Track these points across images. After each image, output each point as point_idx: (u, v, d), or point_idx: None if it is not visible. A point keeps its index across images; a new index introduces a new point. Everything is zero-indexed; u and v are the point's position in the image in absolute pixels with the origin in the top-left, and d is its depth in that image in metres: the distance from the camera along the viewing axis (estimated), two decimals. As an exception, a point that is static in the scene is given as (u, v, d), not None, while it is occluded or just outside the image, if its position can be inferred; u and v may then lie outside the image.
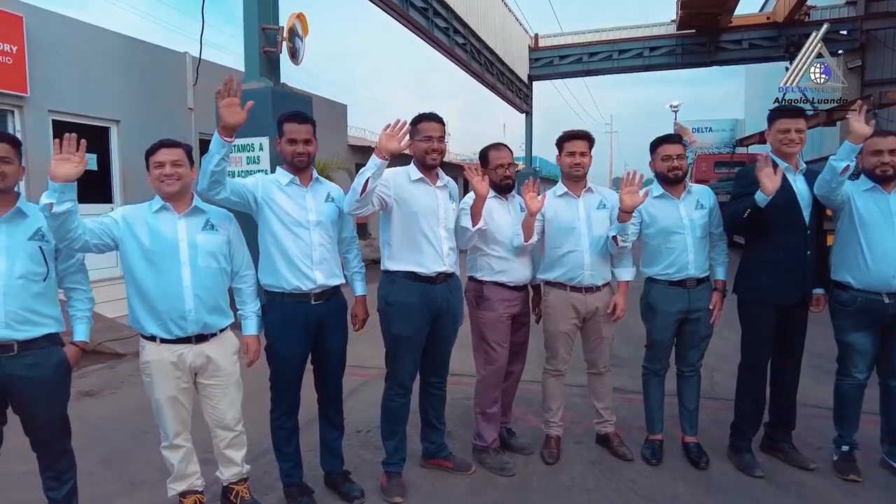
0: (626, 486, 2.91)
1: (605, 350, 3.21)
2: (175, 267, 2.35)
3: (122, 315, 6.97)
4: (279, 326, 2.58)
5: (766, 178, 2.66)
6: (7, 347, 2.13)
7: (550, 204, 3.06)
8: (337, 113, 13.72)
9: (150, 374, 2.41)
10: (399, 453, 2.89)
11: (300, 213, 2.58)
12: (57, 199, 2.04)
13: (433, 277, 2.74)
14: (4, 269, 2.12)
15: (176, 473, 2.55)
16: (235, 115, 2.23)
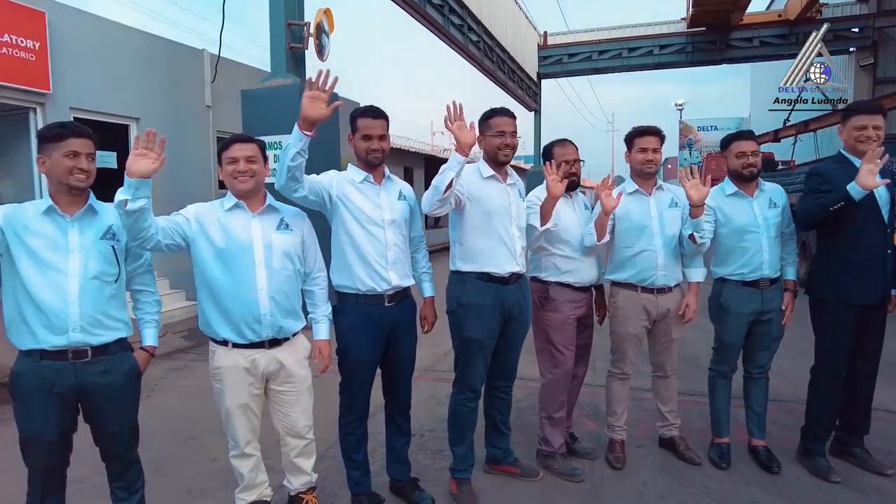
0: (700, 492, 2.83)
1: (673, 352, 3.12)
2: (249, 268, 2.26)
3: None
4: (353, 329, 2.49)
5: (870, 173, 2.57)
6: (82, 353, 2.03)
7: (621, 202, 2.97)
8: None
9: (220, 380, 2.31)
10: (468, 459, 2.81)
11: (375, 212, 2.49)
12: (132, 196, 1.95)
13: (506, 278, 2.65)
14: (79, 270, 2.03)
15: (246, 483, 2.45)
16: (318, 109, 2.14)
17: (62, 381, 2.01)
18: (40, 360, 2.00)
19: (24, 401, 2.04)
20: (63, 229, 2.04)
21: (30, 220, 2.02)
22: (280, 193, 2.33)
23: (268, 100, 6.30)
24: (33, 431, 2.05)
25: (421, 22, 10.76)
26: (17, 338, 2.04)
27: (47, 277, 1.98)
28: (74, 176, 2.02)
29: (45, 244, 2.00)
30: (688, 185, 2.75)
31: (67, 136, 2.04)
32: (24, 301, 1.98)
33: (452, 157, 2.36)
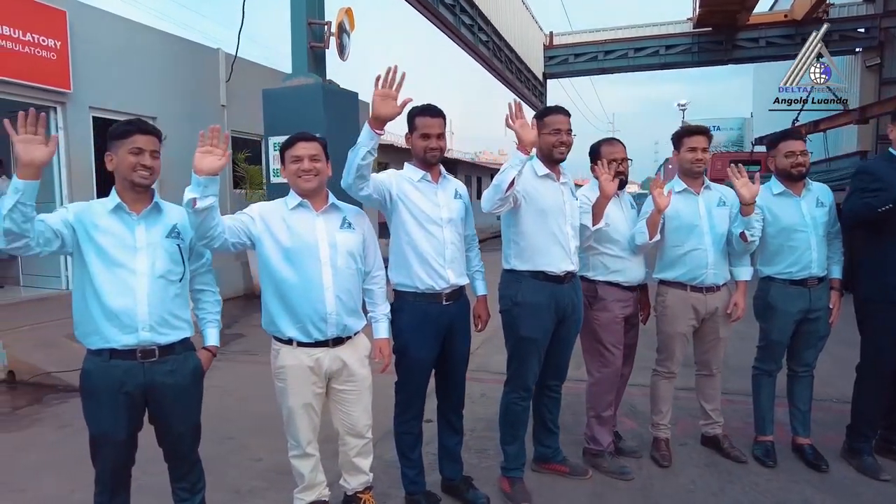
0: (751, 489, 2.84)
1: (720, 351, 3.13)
2: (315, 267, 2.26)
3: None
4: (412, 328, 2.49)
5: None
6: (150, 352, 2.02)
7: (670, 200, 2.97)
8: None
9: (284, 379, 2.31)
10: (521, 458, 2.81)
11: (433, 210, 2.49)
12: (200, 194, 1.95)
13: (561, 277, 2.65)
14: (147, 268, 2.02)
15: (306, 483, 2.44)
16: (389, 106, 2.12)
17: (131, 381, 2.00)
18: (109, 360, 1.99)
19: (93, 400, 2.03)
20: (130, 227, 2.03)
21: (98, 217, 2.02)
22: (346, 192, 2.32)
23: (289, 99, 6.30)
24: (103, 430, 2.04)
25: (433, 21, 10.78)
26: (85, 337, 2.03)
27: (116, 276, 1.98)
28: (138, 173, 2.01)
29: (113, 242, 2.00)
30: (738, 184, 2.76)
31: (133, 132, 2.03)
32: (94, 299, 1.98)
33: (514, 155, 2.36)
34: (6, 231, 1.79)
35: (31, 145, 1.78)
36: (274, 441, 3.55)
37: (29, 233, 1.82)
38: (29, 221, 1.80)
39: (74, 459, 3.33)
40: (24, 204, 1.76)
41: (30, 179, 1.76)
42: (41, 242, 1.89)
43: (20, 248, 1.85)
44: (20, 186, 1.75)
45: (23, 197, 1.75)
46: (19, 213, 1.76)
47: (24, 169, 1.76)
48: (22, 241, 1.82)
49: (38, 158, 1.77)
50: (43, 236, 1.89)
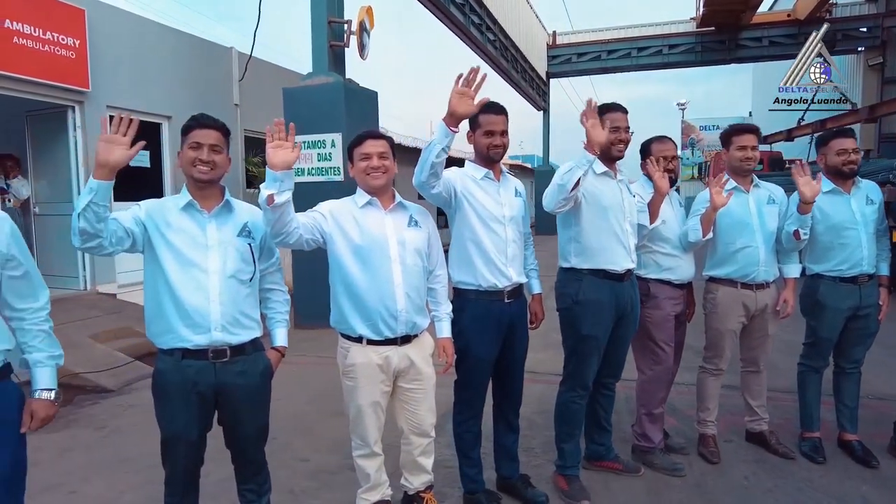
0: (805, 486, 2.85)
1: (768, 348, 3.15)
2: (386, 265, 2.25)
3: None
4: (475, 327, 2.48)
5: None
6: (221, 353, 2.00)
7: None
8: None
9: (354, 377, 2.30)
10: (577, 455, 2.82)
11: (496, 208, 2.48)
12: (278, 189, 1.94)
13: (622, 275, 2.66)
14: (219, 268, 2.00)
15: (372, 483, 2.43)
16: (466, 105, 2.11)
17: (203, 381, 1.98)
18: (182, 360, 1.97)
19: (166, 400, 2.02)
20: (202, 225, 2.02)
21: (170, 215, 2.00)
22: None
23: (310, 98, 6.27)
24: (176, 431, 2.03)
25: (443, 21, 10.77)
26: (158, 336, 2.01)
27: (189, 274, 1.96)
28: (197, 168, 1.98)
29: (185, 240, 1.98)
30: (801, 182, 2.77)
31: (193, 126, 2.02)
32: (166, 298, 1.96)
33: (581, 155, 2.36)
34: (80, 230, 1.79)
35: (113, 146, 1.77)
36: (316, 441, 3.56)
37: (102, 232, 1.81)
38: (102, 221, 1.79)
39: (117, 461, 3.33)
40: (96, 204, 1.75)
41: (104, 180, 1.75)
42: (113, 242, 1.88)
43: (94, 248, 1.84)
44: (94, 186, 1.74)
45: (96, 197, 1.74)
46: (92, 213, 1.76)
47: (99, 169, 1.76)
48: (95, 241, 1.82)
49: (114, 159, 1.76)
50: (115, 235, 1.88)
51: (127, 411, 4.21)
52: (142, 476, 3.10)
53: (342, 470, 3.14)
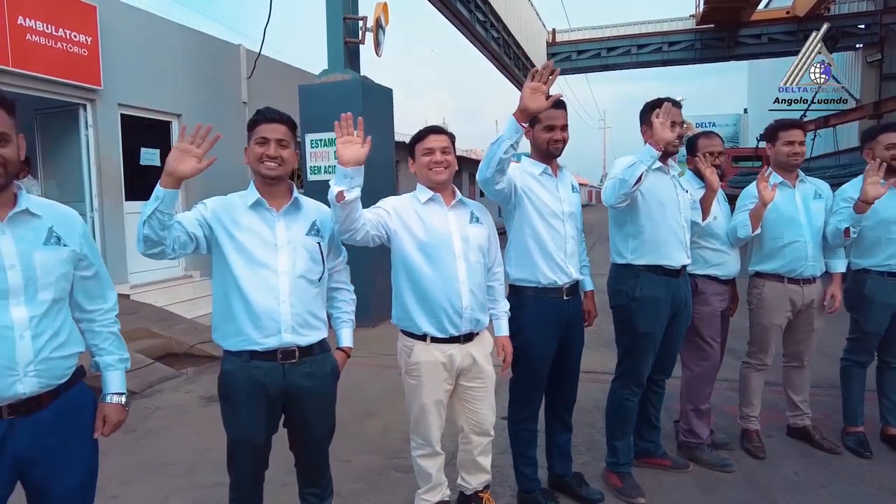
0: (857, 480, 2.86)
1: (812, 343, 3.15)
2: (451, 261, 2.21)
3: (200, 315, 6.77)
4: (535, 324, 2.46)
5: None
6: (290, 354, 1.94)
7: None
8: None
9: (418, 375, 2.26)
10: (630, 453, 2.80)
11: (555, 204, 2.46)
12: (348, 185, 1.89)
13: (678, 270, 2.64)
14: (288, 268, 1.94)
15: (433, 483, 2.40)
16: (538, 101, 2.07)
17: (272, 383, 1.93)
18: (250, 361, 1.92)
19: (234, 403, 1.96)
20: (270, 224, 1.96)
21: (238, 213, 1.95)
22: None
23: (326, 95, 6.22)
24: (245, 434, 1.98)
25: (449, 18, 10.72)
26: (225, 338, 1.96)
27: (259, 275, 1.91)
28: (264, 164, 1.93)
29: (254, 240, 1.93)
30: (869, 180, 2.74)
31: (259, 121, 1.97)
32: (238, 300, 1.91)
33: (645, 151, 2.34)
34: (145, 237, 1.75)
35: (185, 155, 1.73)
36: (353, 441, 3.52)
37: (165, 240, 1.77)
38: (166, 228, 1.75)
39: (156, 464, 3.28)
40: (161, 212, 1.71)
41: (170, 188, 1.71)
42: (176, 248, 1.84)
43: (157, 255, 1.81)
44: (160, 194, 1.70)
45: (161, 205, 1.70)
46: (157, 221, 1.72)
47: (166, 177, 1.71)
48: (159, 248, 1.79)
49: (182, 170, 1.72)
50: (178, 241, 1.83)
51: (154, 414, 4.15)
52: (183, 480, 3.06)
53: (387, 471, 3.11)
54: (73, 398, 1.64)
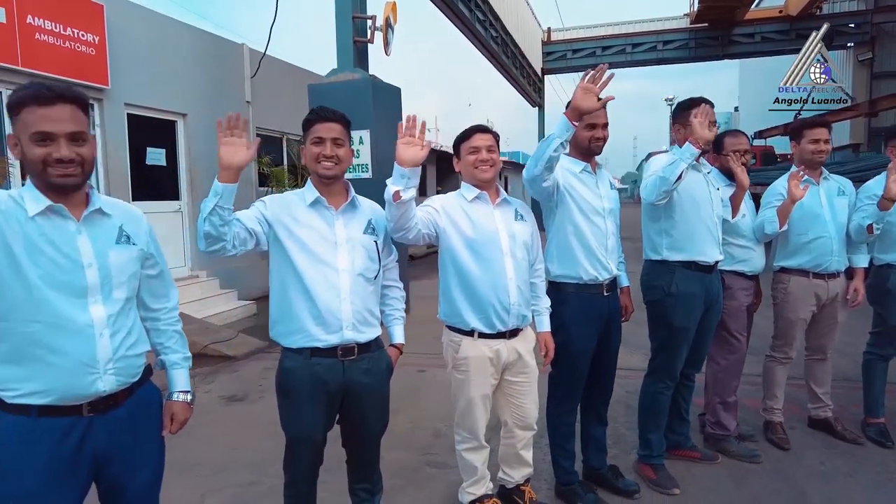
0: (882, 469, 2.93)
1: (835, 336, 3.22)
2: (499, 258, 2.25)
3: (209, 315, 6.75)
4: (577, 320, 2.50)
5: None
6: (349, 350, 1.96)
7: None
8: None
9: (466, 370, 2.30)
10: (662, 445, 2.86)
11: (597, 201, 2.50)
12: (405, 185, 1.92)
13: (711, 266, 2.70)
14: (348, 265, 1.96)
15: (478, 476, 2.44)
16: (590, 101, 2.10)
17: (332, 380, 1.95)
18: (311, 358, 1.94)
19: (295, 400, 1.98)
20: (330, 222, 1.98)
21: (297, 211, 1.97)
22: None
23: (336, 94, 6.21)
24: (305, 431, 2.00)
25: (449, 17, 10.75)
26: (286, 336, 1.98)
27: (321, 273, 1.93)
28: (321, 164, 1.95)
29: (315, 237, 1.95)
30: (892, 178, 2.81)
31: (313, 121, 1.99)
32: (300, 297, 1.93)
33: (686, 148, 2.39)
34: (206, 234, 1.77)
35: (234, 147, 1.74)
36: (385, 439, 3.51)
37: (226, 236, 1.79)
38: (226, 224, 1.77)
39: (189, 463, 3.28)
40: (222, 208, 1.73)
41: (229, 183, 1.73)
42: (236, 244, 1.85)
43: (218, 251, 1.82)
44: (219, 189, 1.72)
45: (221, 200, 1.72)
46: (217, 217, 1.74)
47: (224, 172, 1.73)
48: (219, 245, 1.80)
49: (237, 161, 1.73)
50: (238, 238, 1.85)
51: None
52: (216, 479, 3.07)
53: (420, 467, 3.14)
54: (143, 396, 1.66)
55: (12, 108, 1.45)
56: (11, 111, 1.46)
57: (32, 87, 1.45)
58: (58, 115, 1.44)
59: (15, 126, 1.46)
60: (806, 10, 15.48)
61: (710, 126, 2.60)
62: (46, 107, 1.43)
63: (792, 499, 2.69)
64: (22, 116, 1.44)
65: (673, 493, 2.70)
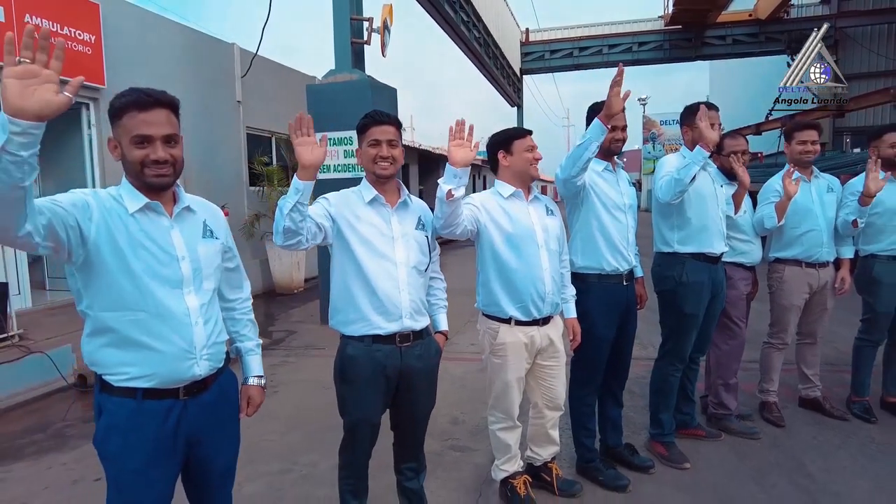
0: (868, 441, 3.22)
1: (825, 321, 3.50)
2: (535, 251, 2.43)
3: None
4: (600, 308, 2.70)
5: None
6: (406, 337, 2.12)
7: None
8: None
9: (503, 355, 2.47)
10: (672, 424, 3.09)
11: (618, 197, 2.70)
12: (456, 185, 2.07)
13: (717, 257, 2.93)
14: (404, 258, 2.11)
15: (511, 454, 2.62)
16: (619, 102, 2.29)
17: (391, 364, 2.09)
18: (372, 345, 2.08)
19: (357, 384, 2.11)
20: (386, 219, 2.13)
21: (358, 208, 2.11)
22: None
23: (335, 95, 6.31)
24: (365, 414, 2.13)
25: (436, 18, 10.89)
26: (348, 324, 2.11)
27: (381, 266, 2.07)
28: (378, 164, 2.09)
29: (374, 233, 2.09)
30: (871, 176, 3.09)
31: (369, 125, 2.12)
32: (362, 288, 2.07)
33: (697, 151, 2.60)
34: (286, 229, 1.89)
35: (308, 147, 1.86)
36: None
37: (302, 230, 1.91)
38: (305, 220, 1.90)
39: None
40: (302, 204, 1.86)
41: (308, 180, 1.85)
42: (309, 238, 1.98)
43: (293, 244, 1.94)
44: (300, 187, 1.84)
45: (302, 197, 1.85)
46: (298, 213, 1.86)
47: (304, 171, 1.84)
48: (296, 238, 1.92)
49: (315, 159, 1.85)
50: (310, 231, 1.97)
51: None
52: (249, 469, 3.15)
53: (445, 451, 3.30)
54: (224, 381, 1.78)
55: (114, 113, 1.55)
56: (113, 117, 1.56)
57: (133, 94, 1.54)
58: (155, 119, 1.53)
59: (116, 130, 1.56)
60: (774, 13, 16.10)
61: (717, 128, 2.84)
62: (145, 112, 1.53)
63: (791, 469, 2.95)
64: (123, 121, 1.53)
65: (684, 468, 2.92)
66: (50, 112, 1.17)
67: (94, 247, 1.50)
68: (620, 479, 2.78)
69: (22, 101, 1.15)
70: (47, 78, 1.17)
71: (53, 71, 1.19)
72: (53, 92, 1.18)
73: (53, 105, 1.18)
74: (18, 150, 1.15)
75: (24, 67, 1.15)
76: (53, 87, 1.18)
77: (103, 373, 1.56)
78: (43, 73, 1.17)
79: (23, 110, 1.14)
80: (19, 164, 1.16)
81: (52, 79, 1.18)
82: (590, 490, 2.78)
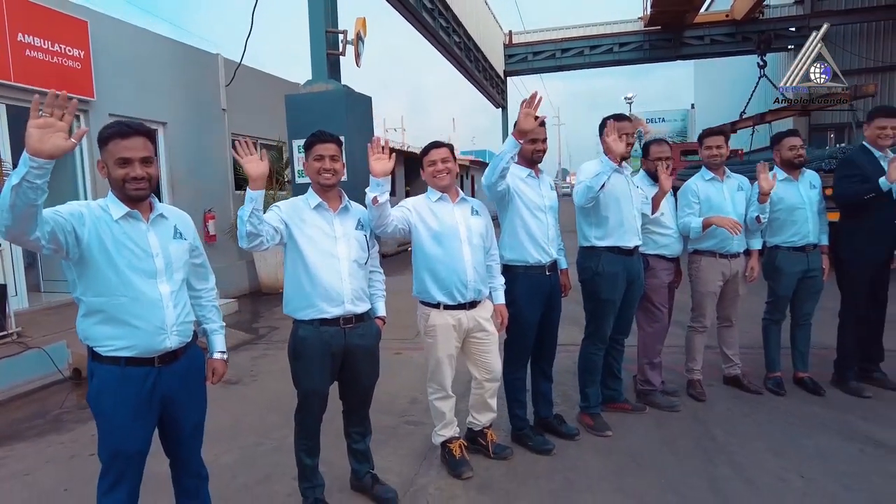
0: (773, 411, 3.64)
1: (738, 306, 3.93)
2: (458, 245, 2.84)
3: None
4: (524, 295, 3.11)
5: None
6: (349, 320, 2.53)
7: (701, 187, 3.73)
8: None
9: (434, 335, 2.88)
10: (598, 397, 3.50)
11: (539, 200, 3.12)
12: (380, 192, 2.49)
13: (631, 250, 3.35)
14: (346, 254, 2.53)
15: (446, 420, 3.03)
16: (530, 122, 2.71)
17: (336, 343, 2.51)
18: (320, 327, 2.50)
19: (306, 361, 2.52)
20: (329, 221, 2.55)
21: (305, 214, 2.53)
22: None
23: (312, 104, 6.72)
24: (313, 386, 2.55)
25: (414, 25, 11.28)
26: (298, 310, 2.52)
27: (326, 261, 2.49)
28: (321, 176, 2.51)
29: (319, 234, 2.51)
30: (762, 178, 3.52)
31: (314, 143, 2.54)
32: (308, 280, 2.48)
33: (605, 163, 3.02)
34: (248, 233, 2.31)
35: (254, 163, 2.31)
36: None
37: (262, 233, 2.34)
38: (262, 223, 2.33)
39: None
40: (258, 209, 2.28)
41: (259, 189, 2.28)
42: (268, 239, 2.40)
43: (256, 246, 2.37)
44: (254, 196, 2.27)
45: (256, 204, 2.28)
46: (256, 217, 2.29)
47: (253, 182, 2.28)
48: (258, 240, 2.35)
49: (261, 172, 2.29)
50: (269, 233, 2.39)
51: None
52: (229, 443, 3.55)
53: (400, 426, 3.71)
54: (192, 354, 2.19)
55: (102, 141, 1.97)
56: (101, 144, 1.98)
57: (116, 126, 1.97)
58: (133, 145, 1.95)
59: (103, 154, 1.98)
60: (749, 14, 16.56)
61: (625, 138, 3.22)
62: (126, 139, 1.95)
63: (699, 434, 3.37)
64: (109, 147, 1.95)
65: (606, 435, 3.34)
66: (59, 153, 1.61)
67: (87, 247, 1.91)
68: (547, 444, 3.19)
69: (40, 145, 1.57)
70: (60, 128, 1.61)
71: (66, 123, 1.62)
72: (63, 138, 1.61)
73: (63, 148, 1.61)
74: (35, 178, 1.59)
75: (44, 120, 1.59)
76: (64, 134, 1.61)
77: (94, 345, 1.98)
78: (57, 125, 1.60)
79: (40, 151, 1.57)
80: (35, 189, 1.60)
81: (63, 129, 1.62)
82: (519, 453, 3.20)
